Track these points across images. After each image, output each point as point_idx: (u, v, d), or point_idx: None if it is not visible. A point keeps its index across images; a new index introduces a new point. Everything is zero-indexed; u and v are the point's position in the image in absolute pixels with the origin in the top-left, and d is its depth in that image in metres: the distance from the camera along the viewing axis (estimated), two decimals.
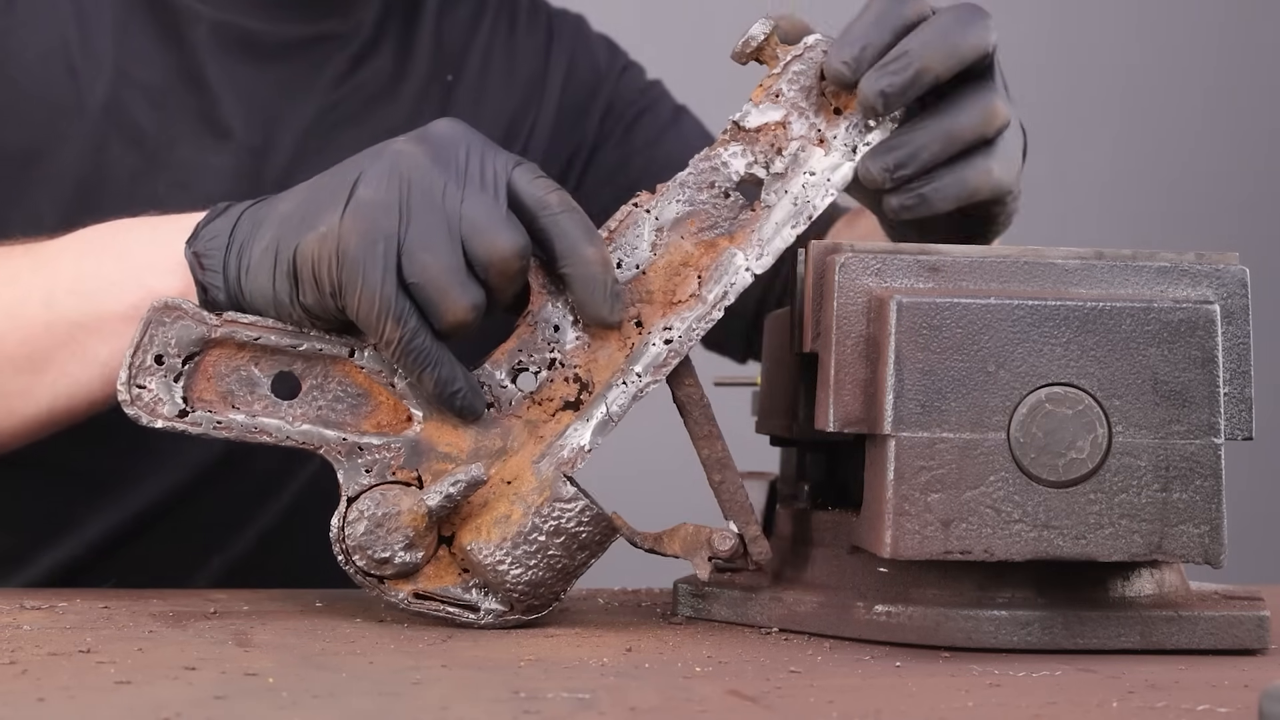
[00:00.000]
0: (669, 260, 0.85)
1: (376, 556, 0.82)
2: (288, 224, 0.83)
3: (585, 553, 0.83)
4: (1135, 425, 0.79)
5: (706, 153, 0.86)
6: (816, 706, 0.66)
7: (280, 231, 0.83)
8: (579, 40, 1.32)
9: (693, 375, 0.86)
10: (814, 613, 0.85)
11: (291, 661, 0.73)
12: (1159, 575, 0.84)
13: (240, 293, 0.85)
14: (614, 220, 0.86)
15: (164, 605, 0.89)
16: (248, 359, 0.84)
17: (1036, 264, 0.82)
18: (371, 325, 0.81)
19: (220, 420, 0.83)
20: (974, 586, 0.81)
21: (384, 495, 0.83)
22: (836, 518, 0.86)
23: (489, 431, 0.84)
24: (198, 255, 0.87)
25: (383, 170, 0.82)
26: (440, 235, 0.80)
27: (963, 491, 0.78)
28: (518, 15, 1.30)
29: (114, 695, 0.65)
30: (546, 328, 0.85)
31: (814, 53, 0.86)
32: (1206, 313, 0.80)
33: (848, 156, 0.86)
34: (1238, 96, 2.69)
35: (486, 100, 1.26)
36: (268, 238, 0.84)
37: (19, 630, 0.79)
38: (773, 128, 0.86)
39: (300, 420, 0.84)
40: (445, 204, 0.81)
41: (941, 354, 0.79)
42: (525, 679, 0.70)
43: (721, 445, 0.86)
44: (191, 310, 0.83)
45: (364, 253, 0.80)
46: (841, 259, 0.82)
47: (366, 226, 0.81)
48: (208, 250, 0.86)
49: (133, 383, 0.83)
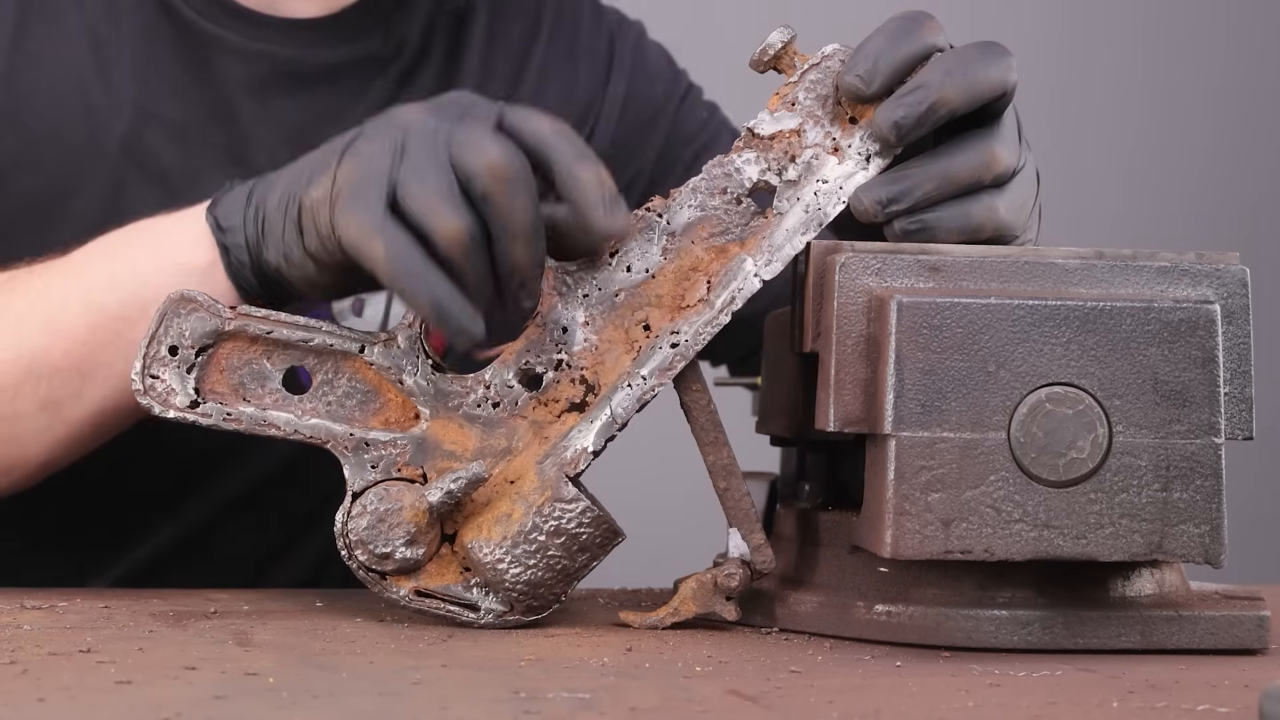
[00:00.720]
0: (679, 265, 0.85)
1: (378, 552, 0.83)
2: (297, 179, 0.87)
3: (586, 555, 0.83)
4: (1135, 425, 0.79)
5: (720, 159, 0.86)
6: (816, 706, 0.66)
7: (290, 187, 0.87)
8: (639, 65, 1.26)
9: (700, 380, 0.86)
10: (814, 613, 0.85)
11: (291, 661, 0.73)
12: (1159, 575, 0.84)
13: (260, 248, 0.88)
14: None
15: (164, 605, 0.89)
16: (260, 352, 0.85)
17: (1036, 264, 0.82)
18: (362, 249, 0.81)
19: (230, 412, 0.84)
20: (974, 586, 0.81)
21: (387, 491, 0.83)
22: (837, 518, 0.86)
23: (494, 431, 0.85)
24: (217, 219, 0.90)
25: (381, 124, 0.84)
26: (430, 163, 0.81)
27: (963, 491, 0.78)
28: (579, 33, 1.24)
29: (114, 695, 0.65)
30: (555, 329, 0.85)
31: (831, 62, 0.86)
32: (1207, 313, 0.80)
33: (861, 165, 0.86)
34: (1239, 96, 2.69)
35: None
36: (279, 193, 0.87)
37: (19, 630, 0.79)
38: (787, 135, 0.86)
39: (309, 415, 0.85)
40: (437, 139, 0.82)
41: (942, 354, 0.79)
42: (525, 679, 0.70)
43: (727, 452, 0.86)
44: (206, 303, 0.84)
45: (356, 188, 0.82)
46: (842, 259, 0.82)
47: (361, 166, 0.83)
48: (227, 214, 0.90)
49: (146, 373, 0.84)
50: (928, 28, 0.85)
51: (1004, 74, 0.84)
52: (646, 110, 1.26)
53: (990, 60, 0.84)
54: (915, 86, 0.83)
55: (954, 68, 0.83)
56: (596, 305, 0.85)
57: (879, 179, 0.85)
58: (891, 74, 0.84)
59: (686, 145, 1.26)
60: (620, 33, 1.27)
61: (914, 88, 0.83)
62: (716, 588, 0.84)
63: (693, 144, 1.26)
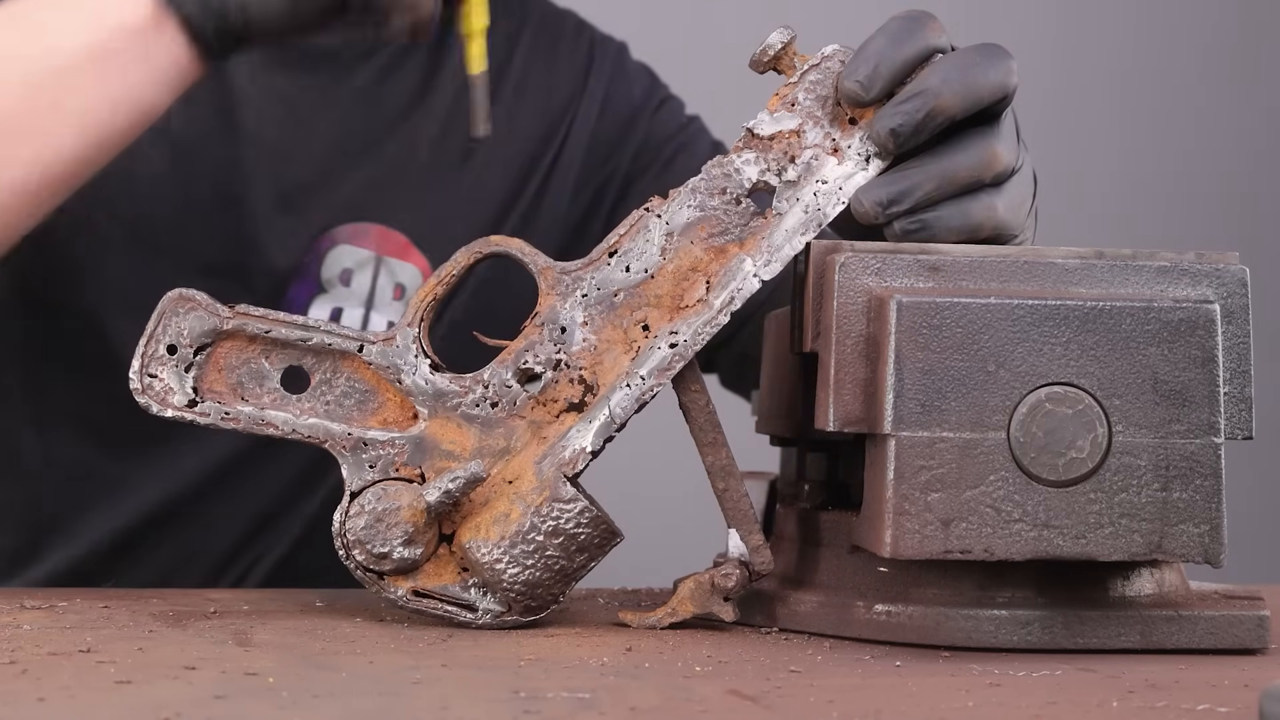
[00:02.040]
0: (678, 265, 0.85)
1: (375, 551, 0.83)
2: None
3: (584, 555, 0.83)
4: (1135, 425, 0.79)
5: (719, 159, 0.86)
6: (816, 706, 0.66)
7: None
8: (618, 70, 1.30)
9: (699, 381, 0.86)
10: (814, 612, 0.85)
11: (291, 661, 0.73)
12: (1159, 575, 0.84)
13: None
14: (625, 224, 0.86)
15: (164, 605, 0.89)
16: (258, 351, 0.85)
17: (1036, 263, 0.82)
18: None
19: (228, 412, 0.84)
20: (974, 586, 0.81)
21: (385, 490, 0.83)
22: (836, 517, 0.86)
23: (493, 431, 0.85)
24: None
25: None
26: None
27: (963, 491, 0.78)
28: (560, 38, 1.28)
29: (114, 695, 0.65)
30: (553, 329, 0.85)
31: (831, 63, 0.86)
32: (1206, 312, 0.80)
33: (861, 166, 0.86)
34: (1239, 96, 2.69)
35: (520, 120, 1.24)
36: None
37: (19, 630, 0.79)
38: (787, 135, 0.86)
39: (308, 414, 0.85)
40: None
41: (941, 353, 0.79)
42: (525, 679, 0.70)
43: (726, 453, 0.86)
44: (205, 301, 0.84)
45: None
46: (841, 258, 0.82)
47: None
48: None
49: (145, 371, 0.84)
50: (930, 28, 0.84)
51: (1004, 78, 0.84)
52: (625, 110, 1.29)
53: (991, 64, 0.84)
54: (914, 93, 0.83)
55: (953, 73, 0.83)
56: (595, 305, 0.85)
57: (878, 180, 0.84)
58: (891, 78, 0.83)
59: (665, 144, 1.29)
60: (600, 41, 1.31)
61: (912, 94, 0.83)
62: (714, 588, 0.84)
63: (671, 142, 1.29)
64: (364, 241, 1.19)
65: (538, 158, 1.25)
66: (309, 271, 1.17)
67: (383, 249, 1.19)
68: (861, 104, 0.85)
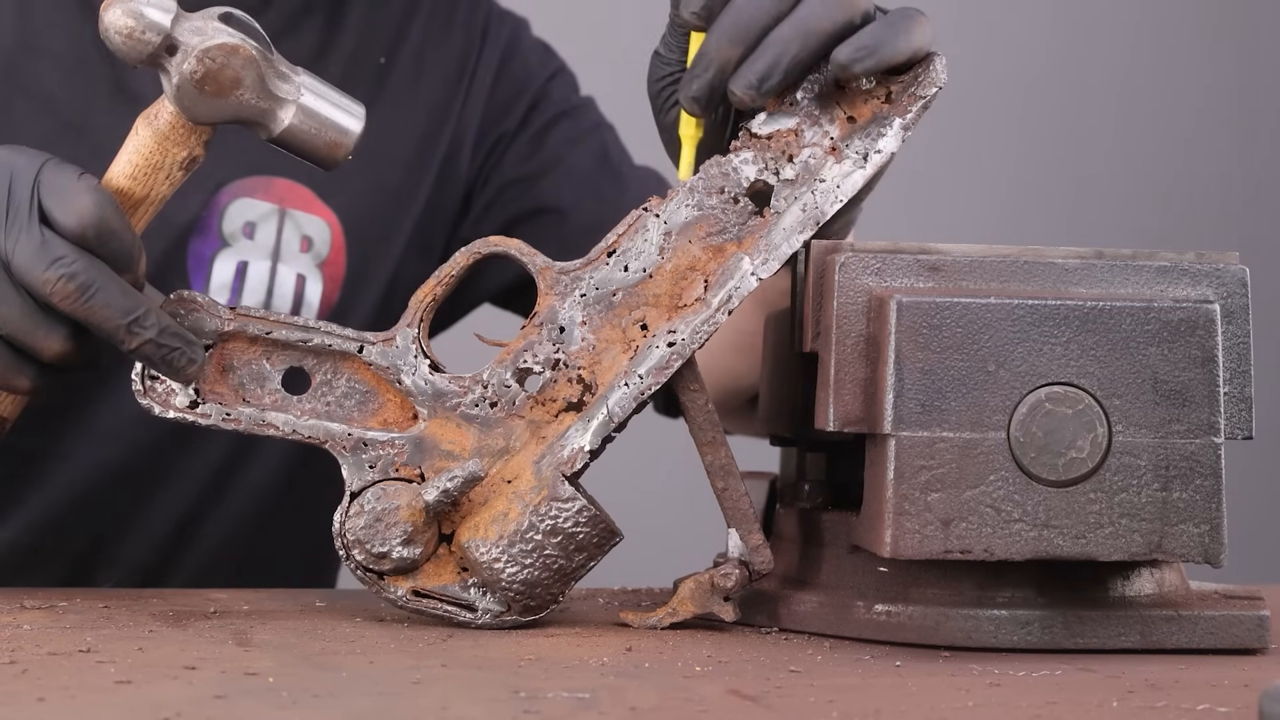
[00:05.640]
0: (676, 264, 0.85)
1: (375, 551, 0.83)
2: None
3: (583, 554, 0.83)
4: (1135, 425, 0.79)
5: (718, 159, 0.86)
6: (816, 706, 0.66)
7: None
8: (513, 40, 1.32)
9: (697, 380, 0.85)
10: (814, 612, 0.85)
11: (291, 661, 0.73)
12: (1159, 575, 0.84)
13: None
14: (623, 224, 0.86)
15: (164, 605, 0.89)
16: (259, 353, 0.85)
17: (1036, 264, 0.82)
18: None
19: (230, 413, 0.84)
20: (974, 586, 0.81)
21: (384, 490, 0.83)
22: (837, 517, 0.86)
23: (492, 431, 0.85)
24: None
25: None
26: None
27: (963, 491, 0.78)
28: (456, 10, 1.30)
29: (114, 695, 0.65)
30: (552, 329, 0.85)
31: None
32: (1206, 312, 0.80)
33: (859, 164, 0.86)
34: (1238, 96, 2.69)
35: (421, 86, 1.26)
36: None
37: (19, 630, 0.79)
38: (785, 135, 0.86)
39: (308, 415, 0.85)
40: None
41: (941, 353, 0.79)
42: (525, 679, 0.70)
43: (725, 452, 0.86)
44: (206, 303, 0.84)
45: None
46: (841, 258, 0.82)
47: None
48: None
49: (146, 373, 0.84)
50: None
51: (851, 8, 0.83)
52: (519, 78, 1.31)
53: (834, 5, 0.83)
54: (762, 49, 0.83)
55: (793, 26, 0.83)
56: (594, 305, 0.85)
57: (743, 66, 0.84)
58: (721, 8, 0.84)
59: (552, 106, 1.31)
60: (496, 13, 1.33)
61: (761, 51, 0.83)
62: (714, 588, 0.84)
63: (556, 106, 1.31)
64: (266, 194, 1.19)
65: (439, 125, 1.26)
66: (209, 226, 1.18)
67: (286, 201, 1.19)
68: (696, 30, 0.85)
